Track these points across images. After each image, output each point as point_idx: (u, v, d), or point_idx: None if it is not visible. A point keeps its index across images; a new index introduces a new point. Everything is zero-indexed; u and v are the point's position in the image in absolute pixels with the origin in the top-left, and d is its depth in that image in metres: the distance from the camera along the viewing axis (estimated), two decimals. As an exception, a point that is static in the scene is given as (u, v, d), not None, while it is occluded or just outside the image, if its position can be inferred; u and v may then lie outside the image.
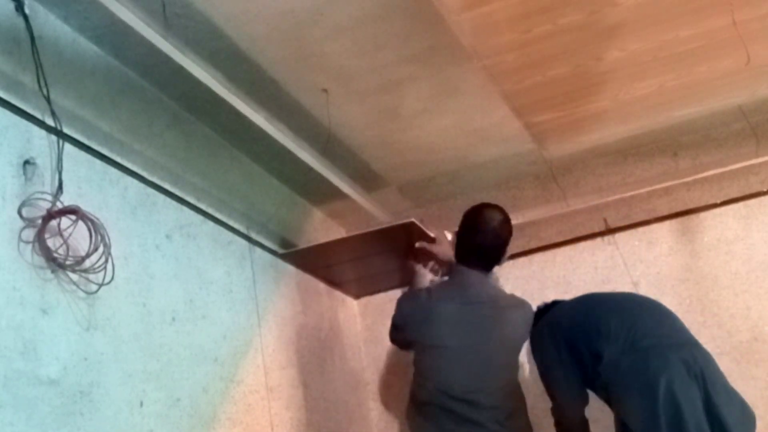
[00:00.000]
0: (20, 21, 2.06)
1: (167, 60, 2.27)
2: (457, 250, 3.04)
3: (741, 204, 3.52)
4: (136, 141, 2.49)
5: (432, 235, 3.24)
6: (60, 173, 2.06)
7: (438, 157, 3.48)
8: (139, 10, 2.14)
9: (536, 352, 3.06)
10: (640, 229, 3.61)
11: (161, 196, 2.54)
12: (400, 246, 3.27)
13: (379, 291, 3.88)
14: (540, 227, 3.72)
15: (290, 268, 3.33)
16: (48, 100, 2.06)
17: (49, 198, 2.00)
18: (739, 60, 2.88)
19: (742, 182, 3.53)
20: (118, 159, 2.36)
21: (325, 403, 3.33)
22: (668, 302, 3.45)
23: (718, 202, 3.55)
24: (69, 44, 2.27)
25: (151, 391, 2.27)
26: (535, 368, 3.13)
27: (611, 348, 2.77)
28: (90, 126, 2.28)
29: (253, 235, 3.06)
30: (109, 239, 2.08)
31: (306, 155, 2.90)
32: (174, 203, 2.61)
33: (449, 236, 3.18)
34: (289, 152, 2.83)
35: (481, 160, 3.56)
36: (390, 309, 3.23)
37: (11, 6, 2.05)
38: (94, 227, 2.04)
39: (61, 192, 2.03)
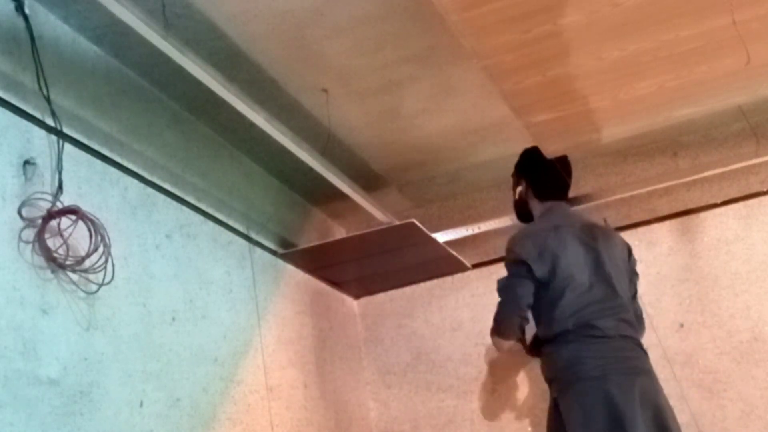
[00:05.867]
0: (20, 21, 2.06)
1: (167, 60, 2.26)
2: (541, 189, 3.17)
3: (741, 204, 3.52)
4: (136, 141, 2.49)
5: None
6: (60, 173, 2.06)
7: (438, 157, 3.47)
8: (139, 10, 2.13)
9: None
10: (640, 229, 3.61)
11: (161, 196, 2.54)
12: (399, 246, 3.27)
13: (379, 291, 3.88)
14: (540, 227, 3.71)
15: (290, 268, 3.33)
16: (48, 100, 2.06)
17: (49, 198, 2.00)
18: (739, 60, 2.88)
19: (742, 182, 3.52)
20: (118, 159, 2.36)
21: (325, 403, 3.33)
22: (668, 302, 3.48)
23: (718, 202, 3.55)
24: (69, 44, 2.27)
25: (151, 391, 2.27)
26: None
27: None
28: (90, 126, 2.28)
29: (253, 235, 3.06)
30: (109, 239, 2.08)
31: (306, 155, 2.90)
32: (174, 203, 2.61)
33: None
34: (289, 152, 2.83)
35: (481, 160, 3.56)
36: (390, 309, 3.21)
37: (11, 6, 2.06)
38: (94, 227, 2.05)
39: (61, 192, 2.04)
